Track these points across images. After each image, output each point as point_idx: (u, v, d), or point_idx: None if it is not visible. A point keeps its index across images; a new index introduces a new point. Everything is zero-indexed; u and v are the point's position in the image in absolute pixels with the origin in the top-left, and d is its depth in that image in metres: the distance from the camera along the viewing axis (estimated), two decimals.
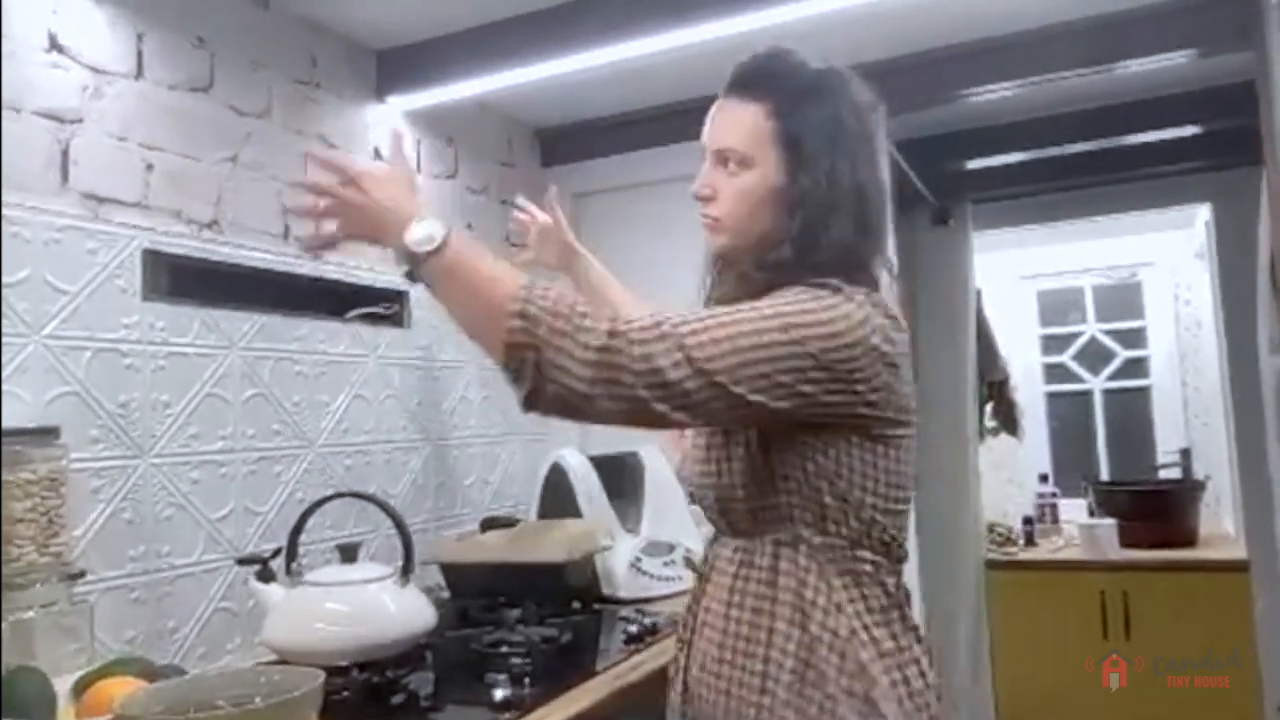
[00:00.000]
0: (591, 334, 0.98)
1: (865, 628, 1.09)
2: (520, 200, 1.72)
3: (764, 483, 1.13)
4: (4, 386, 1.34)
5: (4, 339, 1.34)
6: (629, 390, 0.98)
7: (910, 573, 2.27)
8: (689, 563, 2.12)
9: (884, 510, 1.12)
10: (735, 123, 1.17)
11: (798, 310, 1.05)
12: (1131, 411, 3.94)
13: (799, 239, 1.13)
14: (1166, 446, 3.78)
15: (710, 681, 1.14)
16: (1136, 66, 2.12)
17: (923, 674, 1.12)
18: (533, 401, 1.01)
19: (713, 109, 1.22)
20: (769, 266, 1.14)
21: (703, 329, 1.02)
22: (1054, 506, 3.65)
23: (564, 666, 1.53)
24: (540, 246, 1.67)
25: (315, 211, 1.17)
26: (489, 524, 2.10)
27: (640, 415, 1.01)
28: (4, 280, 1.35)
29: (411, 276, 1.09)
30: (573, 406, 1.00)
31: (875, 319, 1.09)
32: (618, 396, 0.99)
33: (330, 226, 1.17)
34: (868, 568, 1.12)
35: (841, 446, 1.10)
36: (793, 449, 1.11)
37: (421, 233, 1.06)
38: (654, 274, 2.53)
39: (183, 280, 1.62)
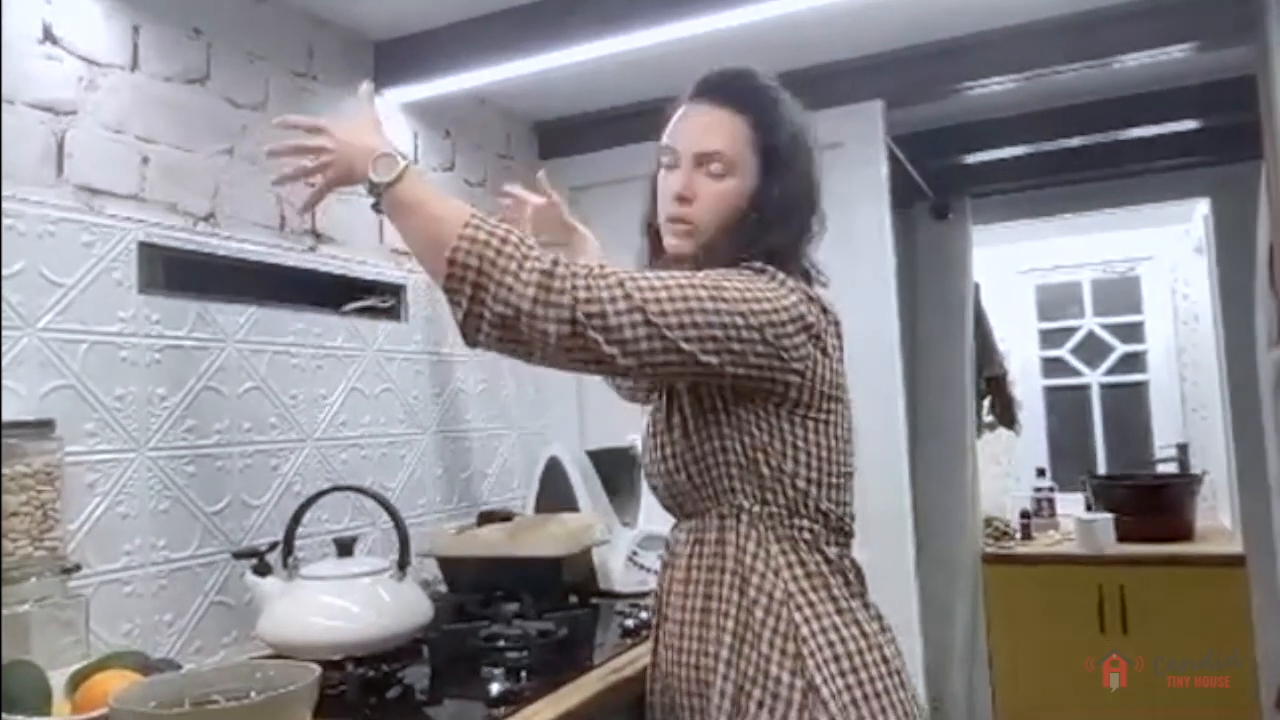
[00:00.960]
0: (538, 260, 1.05)
1: (801, 591, 1.16)
2: (508, 186, 1.72)
3: (704, 459, 1.20)
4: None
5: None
6: (568, 312, 1.03)
7: (907, 565, 2.29)
8: None
9: (817, 483, 1.19)
10: (720, 128, 1.23)
11: (728, 280, 1.13)
12: (1129, 406, 3.95)
13: (744, 238, 1.21)
14: (1164, 441, 3.78)
15: (672, 656, 1.23)
16: (1136, 61, 2.11)
17: (864, 634, 1.17)
18: (473, 322, 1.06)
19: (683, 113, 1.27)
20: (703, 254, 1.22)
21: (644, 280, 1.09)
22: (1051, 500, 3.66)
23: (560, 660, 1.53)
24: (537, 227, 1.65)
25: (300, 173, 1.27)
26: (486, 517, 2.10)
27: (576, 342, 1.05)
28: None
29: (378, 209, 1.17)
30: (513, 327, 1.05)
31: (798, 295, 1.17)
32: (559, 319, 1.03)
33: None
34: (806, 535, 1.19)
35: (774, 421, 1.18)
36: (731, 425, 1.18)
37: (382, 165, 1.14)
38: None
39: (179, 273, 1.61)
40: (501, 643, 1.58)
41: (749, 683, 1.13)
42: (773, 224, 1.21)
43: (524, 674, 1.42)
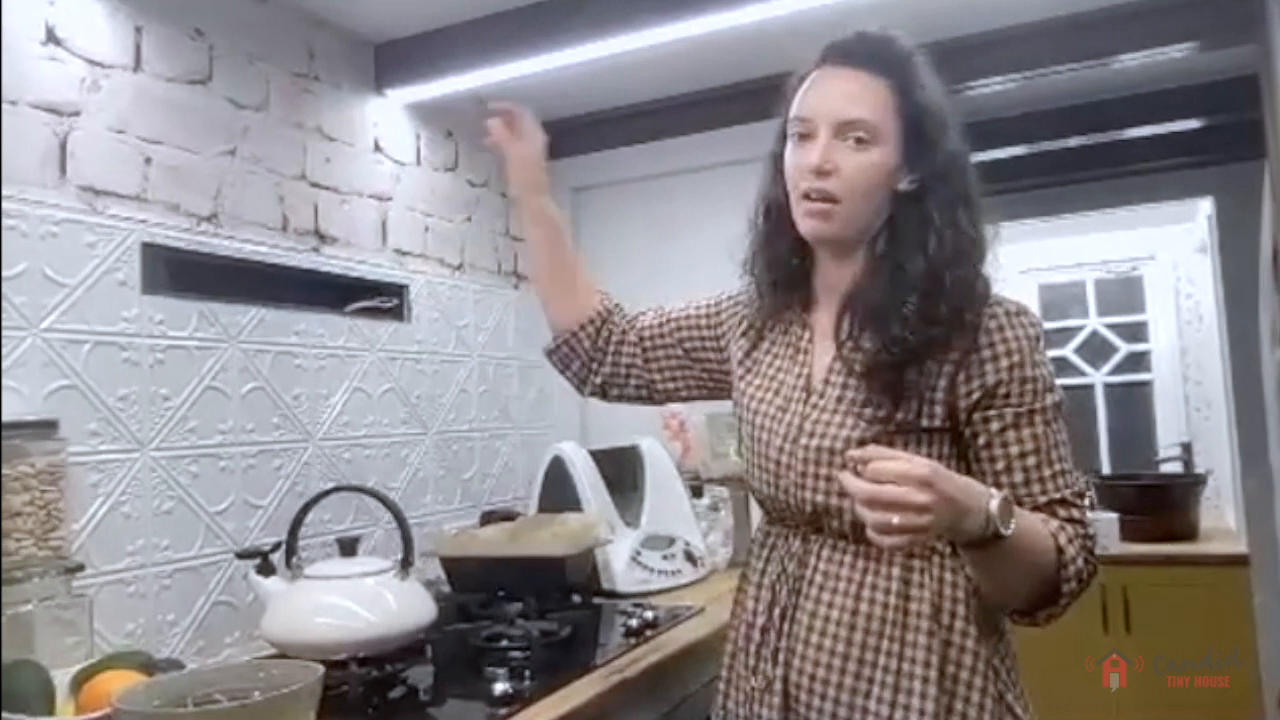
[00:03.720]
0: (1093, 564, 1.06)
1: (989, 622, 1.11)
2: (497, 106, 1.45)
3: None
4: (2, 380, 1.33)
5: (2, 332, 1.34)
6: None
7: None
8: (689, 556, 2.12)
9: None
10: (863, 93, 1.11)
11: (1054, 375, 1.12)
12: (1133, 405, 3.94)
13: (896, 217, 1.13)
14: (1168, 440, 3.78)
15: (830, 693, 1.11)
16: (1138, 60, 2.11)
17: (1018, 668, 1.15)
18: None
19: (816, 79, 1.15)
20: (845, 237, 1.14)
21: (1075, 481, 1.11)
22: None
23: (563, 660, 1.53)
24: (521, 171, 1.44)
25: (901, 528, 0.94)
26: (489, 517, 2.10)
27: None
28: (2, 274, 1.35)
29: (977, 544, 0.97)
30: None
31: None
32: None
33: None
34: None
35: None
36: (966, 471, 1.10)
37: (1002, 512, 0.95)
38: (654, 266, 2.53)
39: (182, 273, 1.61)
40: (504, 643, 1.58)
41: None
42: (956, 212, 1.12)
43: (526, 674, 1.42)
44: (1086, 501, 1.11)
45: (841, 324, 1.16)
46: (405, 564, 1.52)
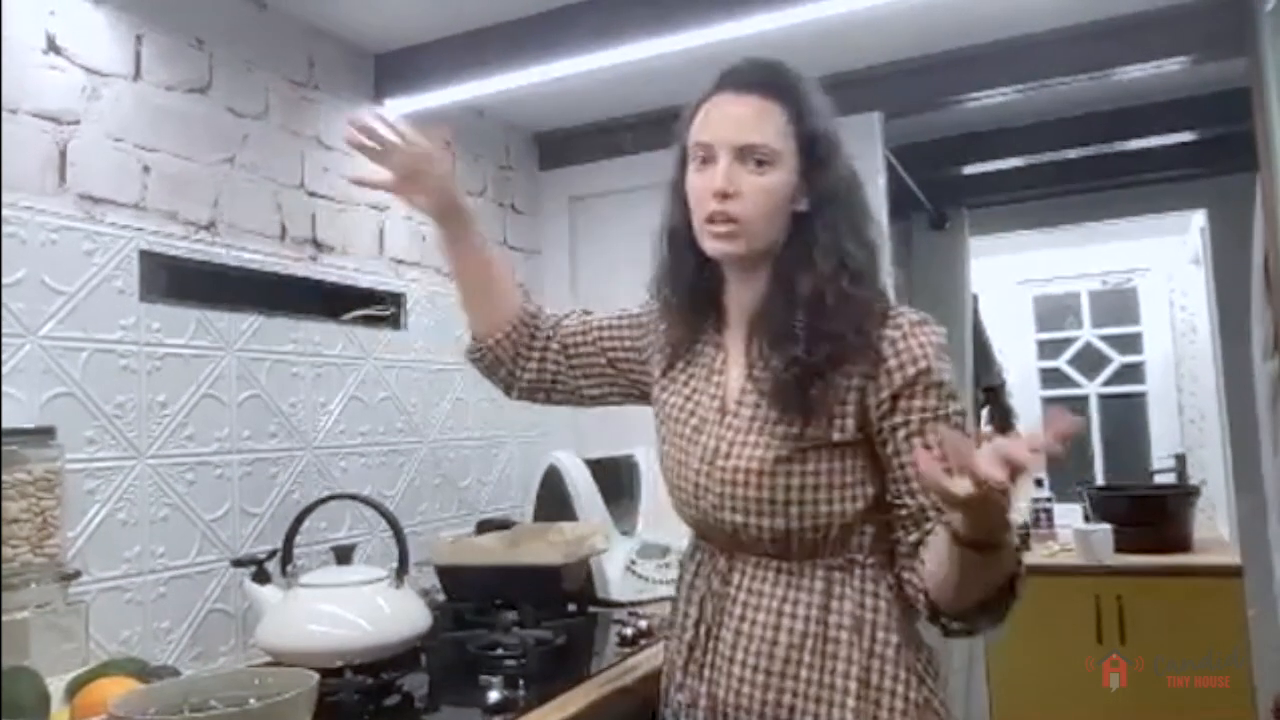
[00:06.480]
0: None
1: (911, 629, 1.15)
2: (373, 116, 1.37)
3: (831, 515, 1.13)
4: (1, 387, 1.34)
5: (1, 339, 1.34)
6: None
7: None
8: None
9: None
10: (761, 119, 1.14)
11: (956, 384, 1.13)
12: (1127, 417, 3.95)
13: (795, 235, 1.15)
14: (1161, 452, 3.78)
15: (755, 708, 1.13)
16: (1132, 72, 2.13)
17: (938, 671, 1.18)
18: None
19: (714, 105, 1.18)
20: (754, 256, 1.16)
21: None
22: (1049, 511, 3.65)
23: (558, 669, 1.53)
24: (405, 173, 1.35)
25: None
26: (485, 526, 2.10)
27: None
28: (1, 281, 1.35)
29: (976, 546, 0.98)
30: None
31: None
32: None
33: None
34: (906, 577, 1.13)
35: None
36: (881, 482, 1.14)
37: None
38: (649, 276, 2.54)
39: (179, 281, 1.62)
40: (499, 651, 1.58)
41: None
42: (824, 219, 1.15)
43: (522, 682, 1.42)
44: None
45: (751, 345, 1.19)
46: (400, 572, 1.52)
